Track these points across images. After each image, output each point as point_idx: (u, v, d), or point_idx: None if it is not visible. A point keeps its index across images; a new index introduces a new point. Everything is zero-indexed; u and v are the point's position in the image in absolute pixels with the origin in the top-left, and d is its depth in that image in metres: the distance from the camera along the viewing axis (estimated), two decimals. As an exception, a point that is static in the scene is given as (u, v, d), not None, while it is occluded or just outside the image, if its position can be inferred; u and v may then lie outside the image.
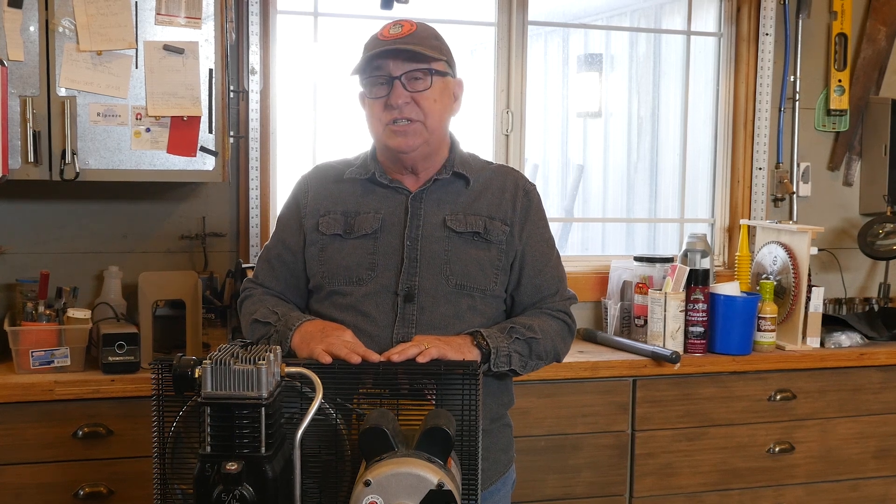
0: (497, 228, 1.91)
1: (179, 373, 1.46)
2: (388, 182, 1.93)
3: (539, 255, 1.96)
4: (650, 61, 3.74)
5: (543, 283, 1.97)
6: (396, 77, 1.83)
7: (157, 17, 2.61)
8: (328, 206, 1.94)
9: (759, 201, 3.53)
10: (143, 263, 2.96)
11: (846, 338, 3.17)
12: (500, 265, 1.91)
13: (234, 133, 2.99)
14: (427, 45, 1.85)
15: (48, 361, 2.58)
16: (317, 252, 1.92)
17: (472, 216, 1.91)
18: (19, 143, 2.53)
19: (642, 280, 3.13)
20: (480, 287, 1.88)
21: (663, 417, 2.94)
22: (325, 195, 1.95)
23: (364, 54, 1.87)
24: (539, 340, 1.88)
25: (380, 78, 1.85)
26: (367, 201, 1.93)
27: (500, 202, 1.94)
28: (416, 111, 1.84)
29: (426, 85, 1.85)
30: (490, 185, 1.96)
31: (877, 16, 3.61)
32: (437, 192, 1.92)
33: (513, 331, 1.85)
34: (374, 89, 1.86)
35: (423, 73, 1.84)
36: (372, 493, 1.39)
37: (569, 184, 3.91)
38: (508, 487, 2.02)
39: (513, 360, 1.83)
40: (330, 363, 1.64)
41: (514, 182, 1.98)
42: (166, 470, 1.56)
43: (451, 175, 1.93)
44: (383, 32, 1.86)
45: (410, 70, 1.83)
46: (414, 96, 1.84)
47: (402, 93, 1.83)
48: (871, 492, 3.17)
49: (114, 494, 2.54)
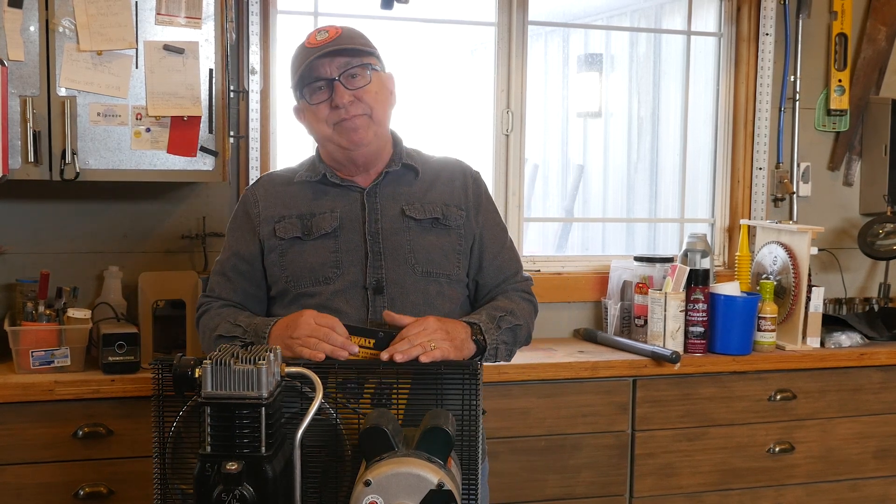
0: (454, 213, 1.97)
1: (179, 373, 1.46)
2: (339, 181, 1.95)
3: (496, 237, 2.03)
4: (650, 61, 3.74)
5: (504, 263, 2.02)
6: (335, 78, 1.86)
7: (157, 17, 2.61)
8: (281, 212, 1.96)
9: (760, 201, 3.53)
10: (143, 263, 2.96)
11: (846, 338, 3.17)
12: (461, 249, 1.96)
13: (234, 133, 2.99)
14: (358, 44, 1.89)
15: (48, 361, 2.58)
16: (277, 258, 1.93)
17: (428, 204, 1.95)
18: (19, 142, 2.53)
19: (642, 280, 3.13)
20: (446, 272, 1.93)
21: (663, 417, 2.94)
22: (275, 202, 1.97)
23: (295, 65, 1.91)
24: (521, 327, 1.94)
25: (318, 83, 1.88)
26: (321, 202, 1.95)
27: (452, 190, 2.00)
28: (361, 106, 1.88)
29: (366, 80, 1.89)
30: (439, 174, 2.01)
31: (877, 16, 3.61)
32: (390, 185, 1.96)
33: (501, 320, 1.89)
34: (314, 95, 1.89)
35: (359, 70, 1.88)
36: (372, 493, 1.39)
37: (569, 184, 3.91)
38: (486, 476, 2.03)
39: (499, 353, 1.88)
40: (328, 362, 1.65)
41: (462, 170, 2.05)
42: (166, 470, 1.56)
43: (401, 167, 1.97)
44: (310, 41, 1.90)
45: (347, 70, 1.87)
46: (356, 93, 1.88)
47: (344, 92, 1.87)
48: (871, 492, 3.17)
49: (114, 494, 2.54)
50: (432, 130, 3.40)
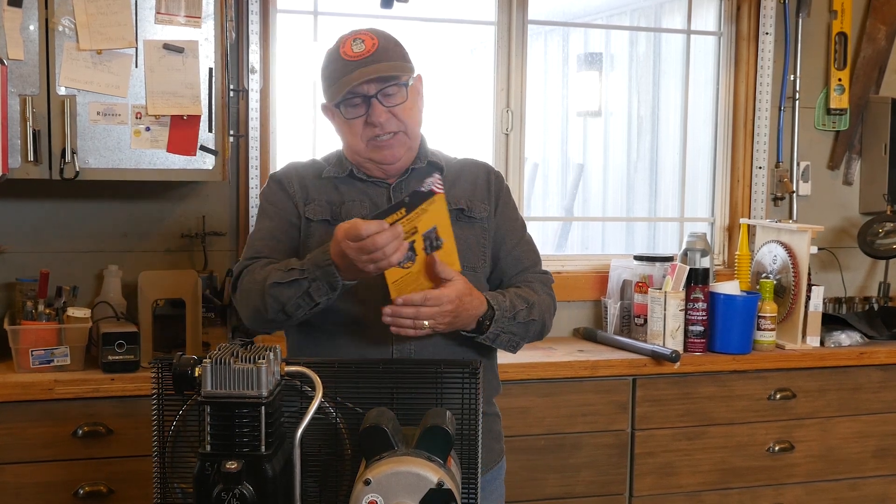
0: (478, 207, 1.97)
1: (179, 372, 1.46)
2: (365, 177, 1.95)
3: (514, 230, 2.03)
4: (650, 60, 3.74)
5: (522, 254, 2.02)
6: (372, 96, 1.85)
7: (156, 16, 2.61)
8: (313, 196, 1.96)
9: (759, 200, 3.53)
10: (142, 262, 2.96)
11: (846, 337, 3.17)
12: (485, 244, 1.97)
13: (233, 132, 2.99)
14: (395, 59, 1.87)
15: (48, 360, 2.58)
16: (304, 239, 1.93)
17: (452, 199, 1.94)
18: (19, 142, 2.53)
19: (642, 279, 3.13)
20: (471, 265, 1.92)
21: (663, 416, 2.94)
22: (307, 186, 1.97)
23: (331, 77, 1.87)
24: (535, 322, 1.92)
25: (353, 99, 1.86)
26: (350, 192, 1.95)
27: (475, 187, 2.00)
28: (396, 123, 1.88)
29: (402, 98, 1.88)
30: (462, 173, 2.02)
31: (877, 15, 3.61)
32: (416, 181, 1.95)
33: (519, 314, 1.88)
34: (349, 110, 1.88)
35: (396, 88, 1.87)
36: (372, 492, 1.39)
37: (569, 183, 3.91)
38: (502, 476, 2.04)
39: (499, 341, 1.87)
40: (328, 360, 1.64)
41: (485, 169, 2.06)
42: (166, 469, 1.56)
43: (427, 164, 1.97)
44: (346, 51, 1.86)
45: (384, 87, 1.85)
46: (392, 111, 1.87)
47: (381, 110, 1.85)
48: (871, 491, 3.17)
49: (113, 493, 2.54)
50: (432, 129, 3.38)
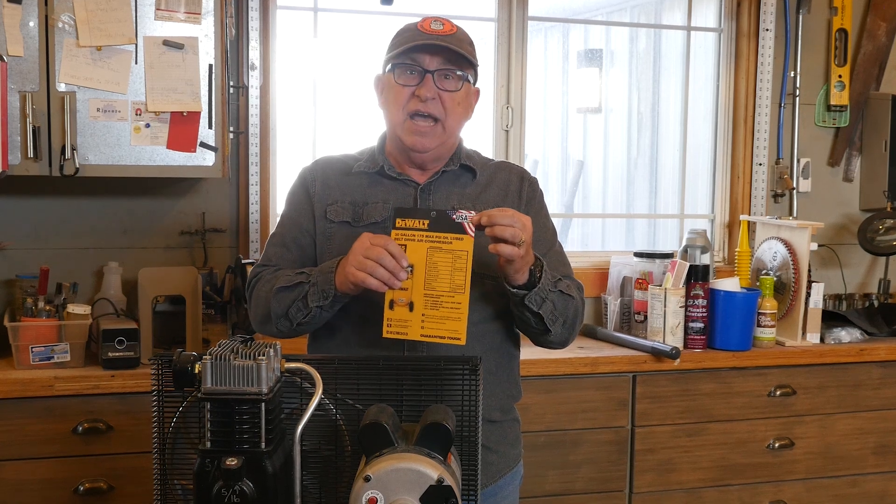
0: None
1: (179, 368, 1.46)
2: (396, 175, 1.93)
3: (544, 240, 1.97)
4: (650, 57, 3.74)
5: (551, 263, 1.94)
6: (430, 71, 1.84)
7: (156, 13, 2.60)
8: (336, 196, 1.94)
9: (759, 197, 3.53)
10: (142, 259, 2.96)
11: (846, 333, 3.17)
12: None
13: (233, 129, 2.99)
14: (467, 50, 1.87)
15: (48, 357, 2.58)
16: (324, 241, 1.92)
17: (481, 205, 1.91)
18: (19, 138, 2.52)
19: (642, 276, 3.13)
20: (493, 274, 1.86)
21: (663, 413, 2.94)
22: (332, 185, 1.95)
23: (400, 42, 1.87)
24: (573, 301, 1.87)
25: (412, 67, 1.85)
26: (375, 192, 1.93)
27: (507, 193, 1.96)
28: (439, 108, 1.85)
29: (456, 86, 1.86)
30: (495, 178, 1.98)
31: (877, 11, 3.61)
32: (445, 183, 1.94)
33: (559, 283, 1.84)
34: (403, 76, 1.86)
35: (454, 76, 1.86)
36: (372, 489, 1.39)
37: (569, 179, 3.91)
38: (517, 483, 2.02)
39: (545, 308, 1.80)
40: (328, 357, 1.64)
41: (519, 174, 2.01)
42: (166, 466, 1.56)
43: (459, 168, 1.95)
44: (424, 25, 1.87)
45: (444, 68, 1.84)
46: (441, 94, 1.85)
47: (431, 87, 1.84)
48: (871, 488, 3.17)
49: (114, 490, 2.55)
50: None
